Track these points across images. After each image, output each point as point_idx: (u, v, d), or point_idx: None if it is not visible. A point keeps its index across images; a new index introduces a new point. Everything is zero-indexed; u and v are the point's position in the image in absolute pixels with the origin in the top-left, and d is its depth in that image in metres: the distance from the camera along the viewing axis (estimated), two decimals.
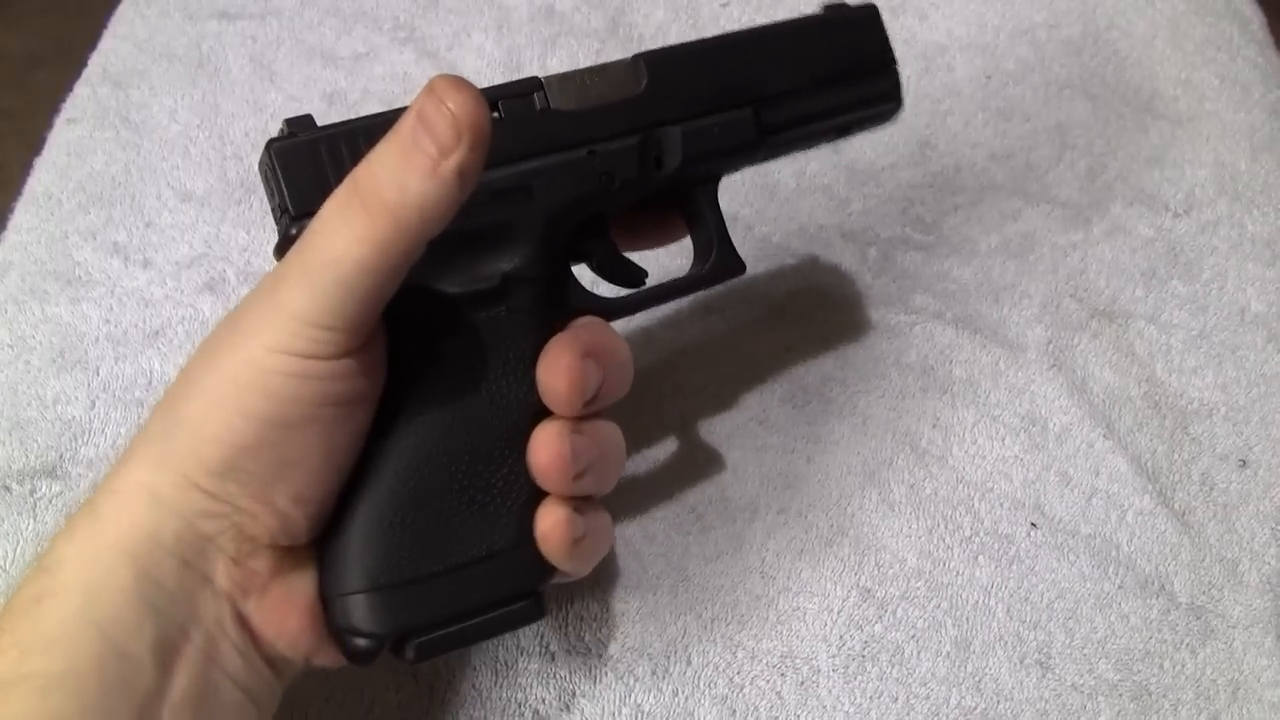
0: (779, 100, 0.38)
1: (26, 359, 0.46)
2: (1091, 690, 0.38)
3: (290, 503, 0.30)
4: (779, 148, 0.39)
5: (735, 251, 0.39)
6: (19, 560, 0.40)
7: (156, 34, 0.59)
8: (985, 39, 0.59)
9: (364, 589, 0.31)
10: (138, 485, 0.29)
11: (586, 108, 0.35)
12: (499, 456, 0.33)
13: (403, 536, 0.32)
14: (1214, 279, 0.49)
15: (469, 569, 0.32)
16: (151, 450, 0.30)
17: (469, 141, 0.27)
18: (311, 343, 0.29)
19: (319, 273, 0.28)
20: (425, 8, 0.61)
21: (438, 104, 0.27)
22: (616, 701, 0.37)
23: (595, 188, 0.35)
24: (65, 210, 0.51)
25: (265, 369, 0.29)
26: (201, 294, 0.48)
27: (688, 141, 0.36)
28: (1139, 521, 0.42)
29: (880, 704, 0.38)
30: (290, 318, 0.29)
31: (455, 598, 0.32)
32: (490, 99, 0.33)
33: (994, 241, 0.50)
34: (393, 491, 0.32)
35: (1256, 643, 0.39)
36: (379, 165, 0.28)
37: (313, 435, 0.30)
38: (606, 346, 0.34)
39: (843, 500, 0.42)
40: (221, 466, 0.29)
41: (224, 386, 0.29)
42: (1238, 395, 0.45)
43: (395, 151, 0.28)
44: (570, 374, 0.32)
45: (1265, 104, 0.55)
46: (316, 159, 0.32)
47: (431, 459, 0.32)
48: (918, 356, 0.46)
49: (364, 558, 0.31)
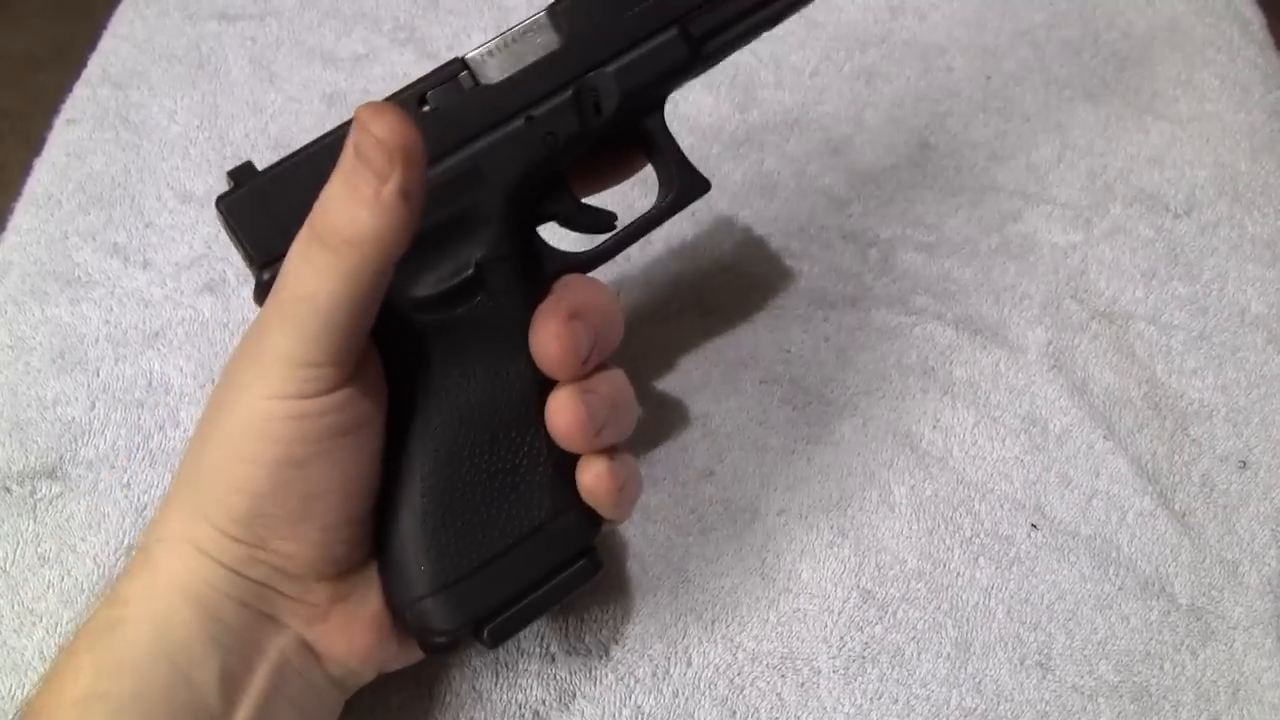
0: (703, 9, 0.36)
1: (26, 360, 0.46)
2: (1092, 691, 0.38)
3: (321, 534, 0.31)
4: (713, 56, 0.38)
5: (696, 171, 0.38)
6: (19, 561, 0.40)
7: (156, 35, 0.59)
8: (985, 40, 0.59)
9: (430, 592, 0.33)
10: (179, 538, 0.31)
11: (513, 74, 0.34)
12: (518, 436, 0.34)
13: (451, 535, 0.33)
14: (1214, 280, 0.49)
15: (521, 546, 0.34)
16: (184, 502, 0.31)
17: (401, 162, 0.28)
18: (302, 383, 0.30)
19: (295, 313, 0.29)
20: (425, 9, 0.61)
21: (364, 133, 0.28)
22: (617, 703, 0.37)
23: (542, 152, 0.35)
24: (65, 211, 0.51)
25: (265, 416, 0.30)
26: (201, 295, 0.48)
27: (621, 79, 0.36)
28: (1139, 523, 0.42)
29: (881, 705, 0.37)
30: (277, 361, 0.29)
31: (516, 576, 0.34)
32: (418, 93, 0.34)
33: (994, 242, 0.50)
34: (428, 498, 0.33)
35: (1257, 644, 0.39)
36: (330, 201, 0.29)
37: (327, 468, 0.31)
38: (589, 303, 0.34)
39: (843, 501, 0.42)
40: (247, 515, 0.30)
41: (233, 438, 0.30)
42: (1238, 396, 0.45)
43: (340, 186, 0.29)
44: (560, 340, 0.33)
45: (1265, 105, 0.55)
46: (264, 204, 0.33)
47: (455, 457, 0.33)
48: (918, 357, 0.46)
49: (421, 563, 0.33)
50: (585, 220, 0.38)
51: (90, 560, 0.40)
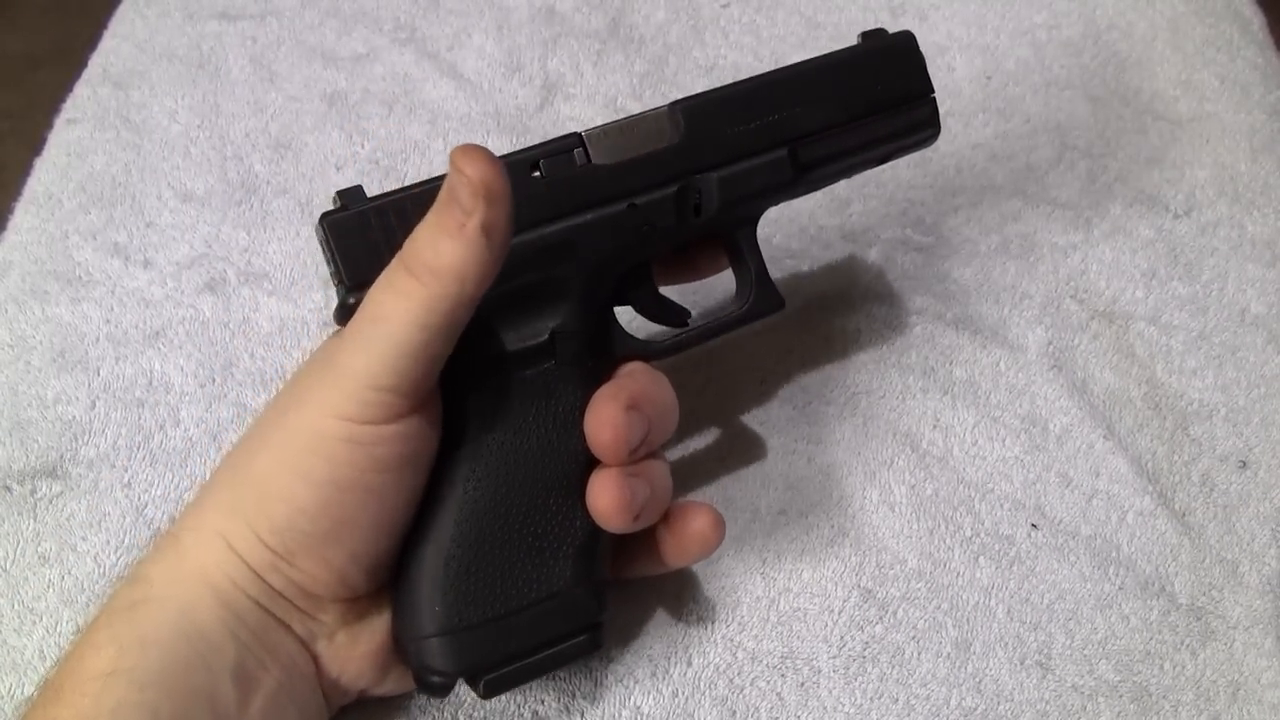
0: (815, 138, 0.38)
1: (27, 359, 0.46)
2: (1092, 691, 0.38)
3: (346, 560, 0.32)
4: (816, 183, 0.40)
5: (774, 288, 0.39)
6: (19, 560, 0.40)
7: (157, 34, 0.59)
8: (985, 40, 0.59)
9: (438, 632, 0.33)
10: (213, 530, 0.32)
11: (625, 160, 0.36)
12: (555, 505, 0.35)
13: (470, 584, 0.34)
14: (1214, 280, 0.49)
15: (533, 609, 0.34)
16: (224, 497, 0.33)
17: (486, 199, 0.30)
18: (368, 406, 0.30)
19: (372, 334, 0.31)
20: (426, 8, 0.61)
21: (457, 172, 0.30)
22: (616, 703, 0.37)
23: (636, 239, 0.36)
24: (66, 210, 0.51)
25: (325, 434, 0.31)
26: (202, 294, 0.48)
27: (725, 187, 0.37)
28: (1139, 522, 0.42)
29: (881, 705, 0.38)
30: (346, 379, 0.31)
31: (522, 636, 0.34)
32: (532, 159, 0.35)
33: (994, 242, 0.50)
34: (456, 543, 0.34)
35: (1257, 644, 0.39)
36: (419, 233, 0.31)
37: (368, 498, 0.32)
38: (649, 396, 0.35)
39: (843, 501, 0.42)
40: (283, 526, 0.31)
41: (288, 449, 0.31)
42: (1238, 396, 0.45)
43: (431, 219, 0.31)
44: (615, 429, 0.34)
45: (1265, 105, 0.55)
46: (365, 230, 0.33)
47: (491, 511, 0.34)
48: (918, 357, 0.46)
49: (435, 604, 0.33)
50: (660, 311, 0.39)
51: (90, 559, 0.40)
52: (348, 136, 0.55)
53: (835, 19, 0.60)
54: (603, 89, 0.57)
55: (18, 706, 0.37)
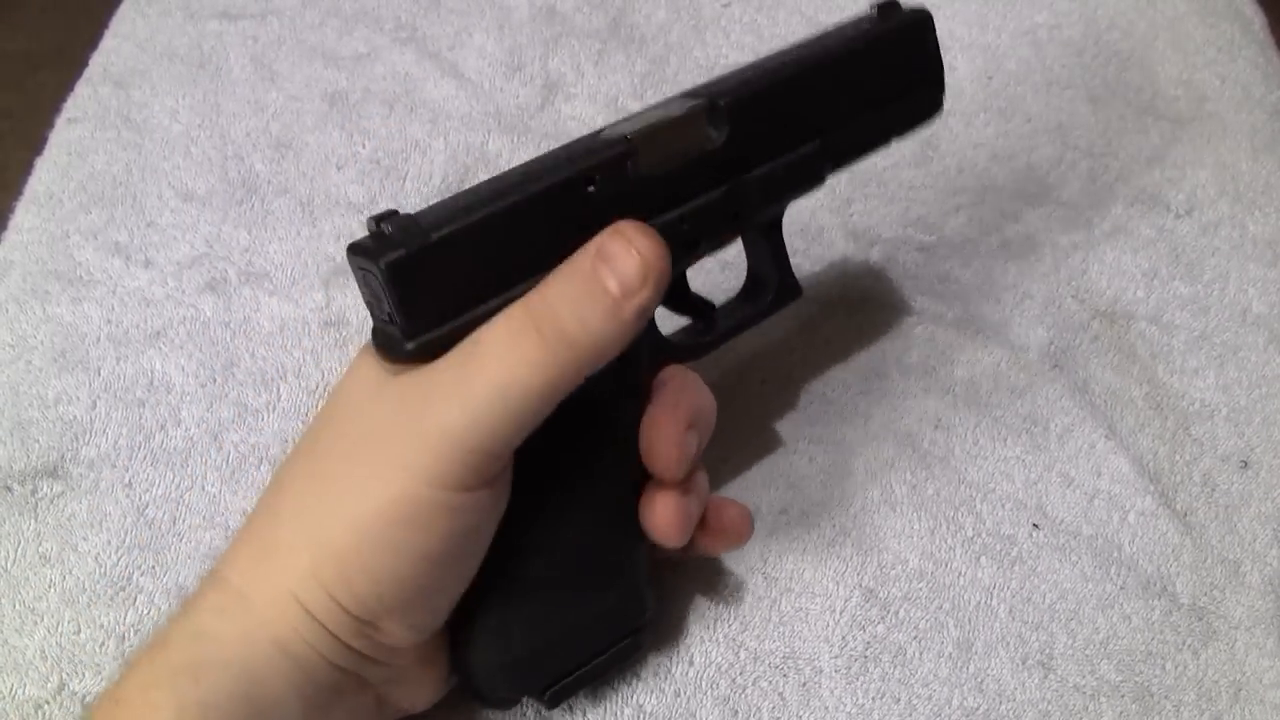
0: (844, 126, 0.37)
1: (28, 359, 0.46)
2: (1094, 691, 0.38)
3: (431, 618, 0.31)
4: (837, 170, 0.38)
5: (794, 277, 0.38)
6: (20, 560, 0.40)
7: (158, 34, 0.59)
8: (987, 39, 0.59)
9: (502, 662, 0.34)
10: (289, 594, 0.29)
11: (674, 168, 0.33)
12: (608, 525, 0.35)
13: (529, 612, 0.34)
14: (1215, 280, 0.49)
15: (588, 624, 0.35)
16: (297, 564, 0.29)
17: (654, 284, 0.29)
18: (468, 471, 0.29)
19: (483, 395, 0.28)
20: (426, 8, 0.61)
21: (626, 246, 0.29)
22: (619, 701, 0.37)
23: (684, 249, 0.34)
24: (66, 210, 0.51)
25: (420, 503, 0.28)
26: (203, 294, 0.48)
27: (766, 187, 0.35)
28: (1141, 522, 0.42)
29: (882, 705, 0.37)
30: (449, 444, 0.28)
31: (579, 652, 0.35)
32: (586, 173, 0.31)
33: (995, 242, 0.50)
34: (515, 574, 0.33)
35: (1259, 644, 0.39)
36: (560, 298, 0.29)
37: (457, 564, 0.31)
38: (702, 409, 0.34)
39: (845, 501, 0.42)
40: (368, 596, 0.29)
41: (379, 519, 0.29)
42: (1239, 396, 0.45)
43: (579, 286, 0.29)
44: (681, 448, 0.33)
45: (1266, 105, 0.55)
46: (428, 271, 0.29)
47: (548, 539, 0.33)
48: (919, 357, 0.46)
49: (498, 635, 0.33)
50: (688, 306, 0.38)
51: (92, 559, 0.40)
52: (349, 136, 0.54)
53: (836, 19, 0.59)
54: (604, 89, 0.57)
55: (19, 706, 0.37)
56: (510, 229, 0.30)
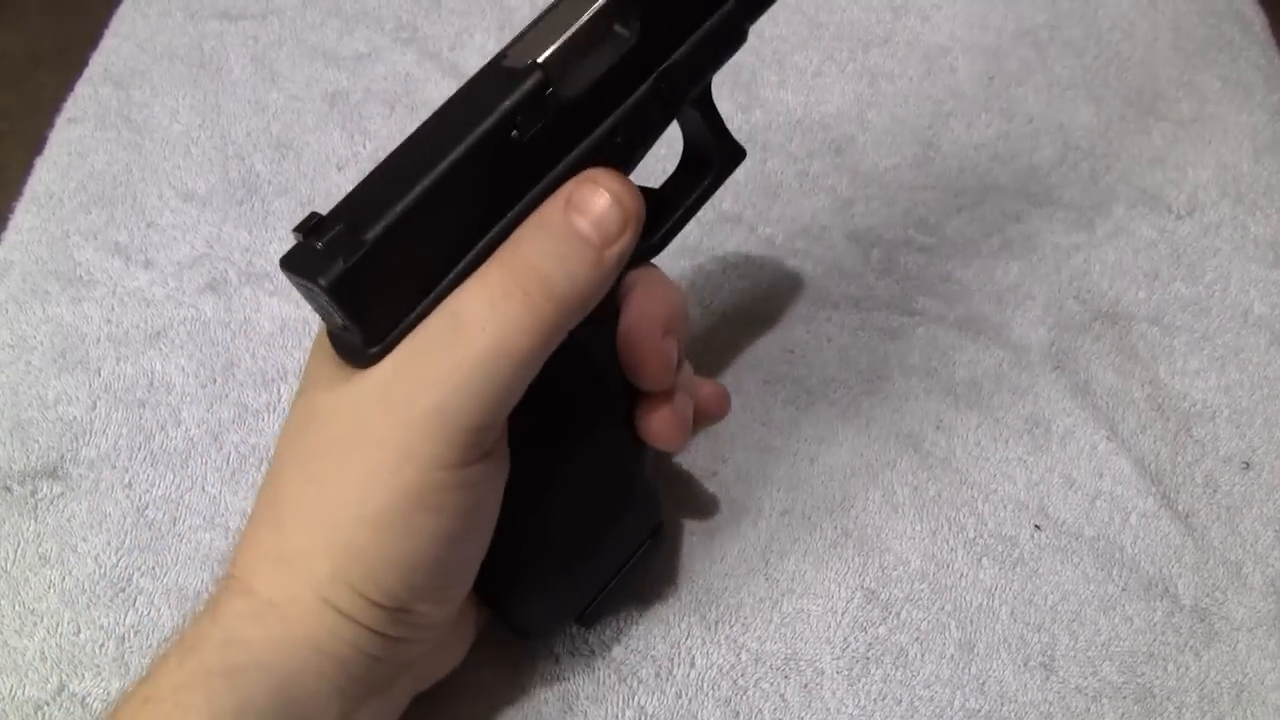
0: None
1: (28, 359, 0.46)
2: (1095, 693, 0.38)
3: (462, 590, 0.32)
4: (751, 23, 0.35)
5: (733, 139, 0.36)
6: (20, 561, 0.40)
7: (158, 34, 0.59)
8: (988, 40, 0.59)
9: (538, 600, 0.35)
10: (318, 600, 0.29)
11: (593, 83, 0.30)
12: (614, 453, 0.35)
13: (556, 550, 0.34)
14: (1217, 281, 0.49)
15: (611, 544, 0.36)
16: (319, 570, 0.29)
17: (633, 228, 0.29)
18: (472, 447, 0.28)
19: (479, 369, 0.27)
20: (427, 8, 0.60)
21: (598, 192, 0.28)
22: (620, 704, 0.37)
23: (621, 160, 0.31)
24: (66, 210, 0.51)
25: (433, 487, 0.28)
26: (203, 294, 0.48)
27: (691, 65, 0.32)
28: (1142, 524, 0.42)
29: (884, 706, 0.37)
30: (450, 426, 0.28)
31: (607, 568, 0.36)
32: (505, 118, 0.28)
33: (997, 243, 0.50)
34: (536, 525, 0.34)
35: (1260, 645, 0.39)
36: (540, 255, 0.28)
37: (478, 535, 0.31)
38: (675, 312, 0.34)
39: (846, 502, 0.42)
40: (398, 587, 0.29)
41: (391, 515, 0.28)
42: (1241, 398, 0.45)
43: (557, 241, 0.28)
44: (663, 360, 0.33)
45: (1268, 105, 0.55)
46: (372, 274, 0.27)
47: (558, 485, 0.34)
48: (921, 358, 0.46)
49: (531, 578, 0.34)
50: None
51: (91, 560, 0.40)
52: (349, 136, 0.54)
53: (837, 19, 0.60)
54: None
55: (19, 707, 0.37)
56: (443, 202, 0.28)
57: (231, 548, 0.40)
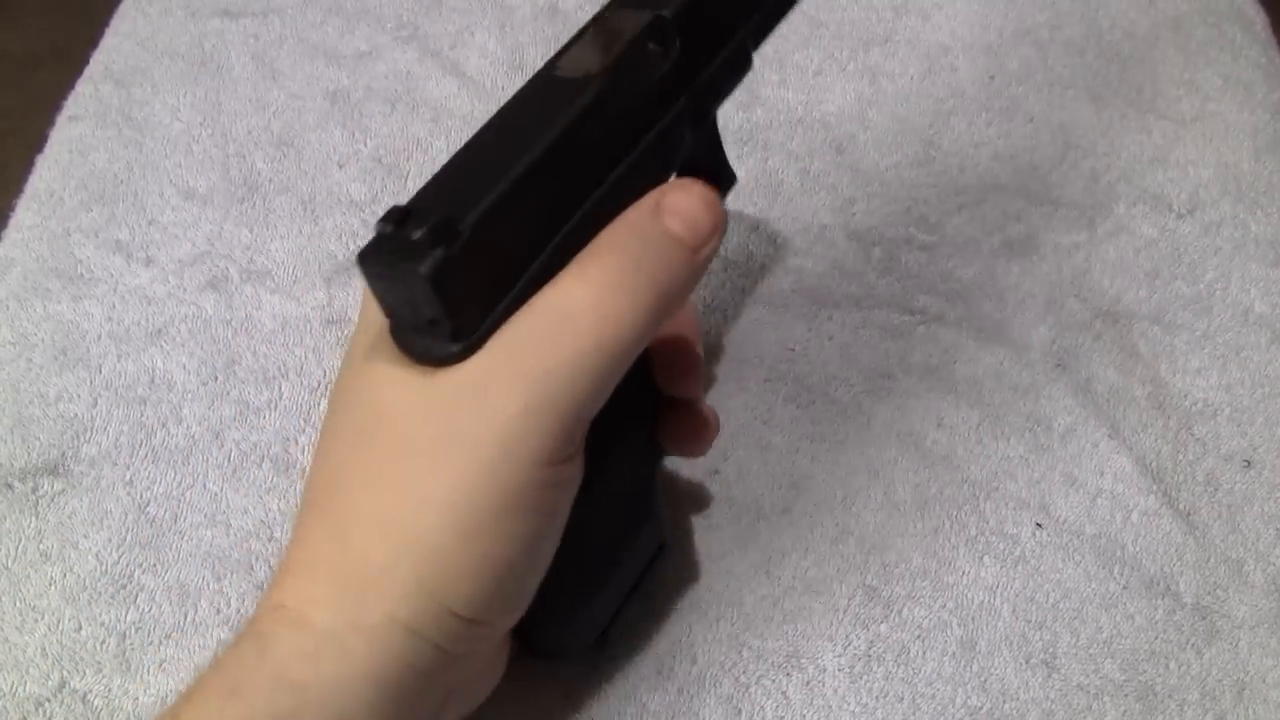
0: (760, 3, 0.35)
1: (28, 356, 0.46)
2: (1097, 690, 0.38)
3: (528, 597, 0.31)
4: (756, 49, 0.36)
5: (729, 164, 0.37)
6: (21, 558, 0.40)
7: (159, 32, 0.59)
8: (988, 39, 0.59)
9: (564, 623, 0.35)
10: (390, 619, 0.27)
11: (637, 98, 0.31)
12: (641, 467, 0.36)
13: (588, 567, 0.35)
14: (1218, 280, 0.49)
15: (628, 562, 0.37)
16: (398, 583, 0.27)
17: (721, 232, 0.30)
18: (567, 440, 0.28)
19: (590, 363, 0.27)
20: (428, 7, 0.60)
21: (688, 196, 0.30)
22: (621, 700, 0.37)
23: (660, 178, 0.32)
24: (67, 208, 0.51)
25: (529, 485, 0.27)
26: (204, 292, 0.48)
27: (712, 89, 0.33)
28: (1144, 522, 0.42)
29: (886, 704, 0.37)
30: (555, 418, 0.27)
31: (623, 586, 0.37)
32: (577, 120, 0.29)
33: (997, 242, 0.50)
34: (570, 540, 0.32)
35: (1262, 643, 0.39)
36: (642, 254, 0.29)
37: (556, 536, 0.30)
38: (695, 318, 0.35)
39: (847, 500, 0.42)
40: (477, 595, 0.28)
41: (486, 516, 0.27)
42: (1242, 396, 0.45)
43: (655, 240, 0.29)
44: (698, 368, 0.34)
45: (1269, 104, 0.55)
46: (468, 265, 0.27)
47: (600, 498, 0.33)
48: (921, 356, 0.46)
49: (565, 596, 0.34)
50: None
51: (92, 557, 0.40)
52: (350, 134, 0.54)
53: (838, 18, 0.60)
54: None
55: (19, 704, 0.37)
56: (524, 199, 0.28)
57: (233, 547, 0.41)
